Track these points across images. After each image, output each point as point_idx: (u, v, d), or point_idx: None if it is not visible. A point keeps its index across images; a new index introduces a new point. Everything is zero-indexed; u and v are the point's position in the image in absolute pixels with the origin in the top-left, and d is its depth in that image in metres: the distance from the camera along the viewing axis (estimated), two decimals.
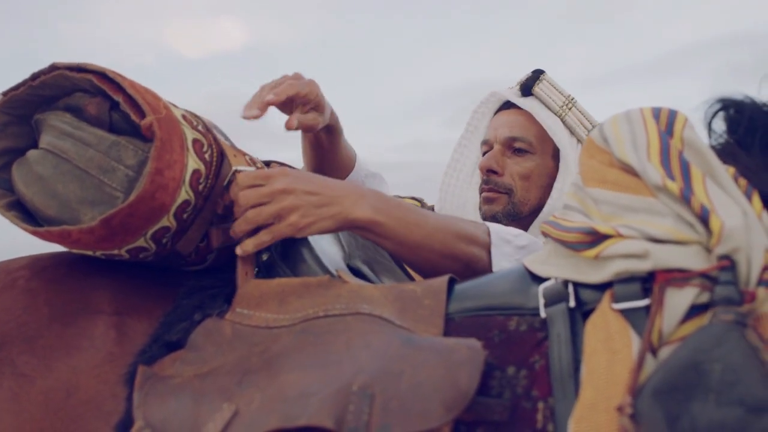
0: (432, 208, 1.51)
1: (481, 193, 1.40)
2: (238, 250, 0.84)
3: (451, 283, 0.79)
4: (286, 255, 0.84)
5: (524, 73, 1.42)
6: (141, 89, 0.81)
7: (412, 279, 1.03)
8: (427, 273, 0.90)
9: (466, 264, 0.93)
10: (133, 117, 0.79)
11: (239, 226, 0.84)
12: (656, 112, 0.75)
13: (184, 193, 0.81)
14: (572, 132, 1.39)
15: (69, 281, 0.84)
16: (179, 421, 0.67)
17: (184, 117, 0.84)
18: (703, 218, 0.65)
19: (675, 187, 0.67)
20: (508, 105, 1.44)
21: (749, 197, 0.67)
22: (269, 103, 0.93)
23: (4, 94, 0.83)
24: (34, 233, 0.78)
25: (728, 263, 0.63)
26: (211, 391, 0.69)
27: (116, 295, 0.83)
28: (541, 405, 0.64)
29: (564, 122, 1.38)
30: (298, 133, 1.23)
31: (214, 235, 0.88)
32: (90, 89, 0.82)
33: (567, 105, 1.39)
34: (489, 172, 1.37)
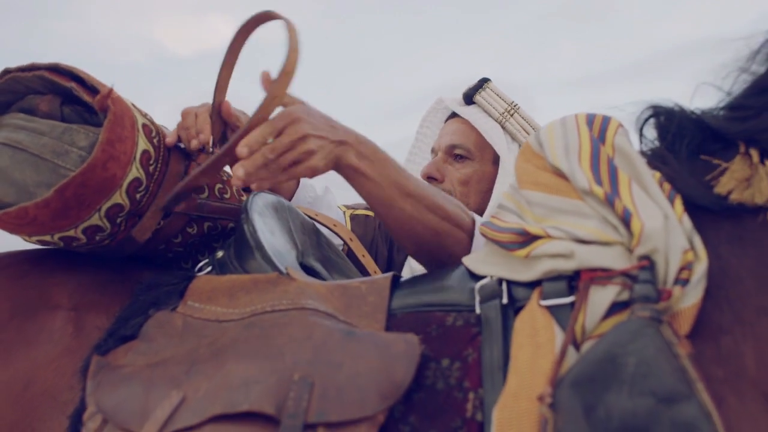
0: None
1: None
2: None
3: (396, 280, 0.82)
4: (239, 254, 0.87)
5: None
6: (94, 79, 0.85)
7: (366, 275, 1.06)
8: (399, 221, 0.90)
9: (435, 232, 0.91)
10: (87, 98, 0.83)
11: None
12: (590, 119, 0.79)
13: (135, 170, 0.84)
14: (513, 138, 1.44)
15: (30, 277, 0.87)
16: (130, 407, 0.70)
17: (133, 105, 0.89)
18: (626, 220, 0.69)
19: (600, 191, 0.71)
20: (455, 113, 1.49)
21: (672, 201, 0.71)
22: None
23: None
24: None
25: (647, 263, 0.67)
26: (161, 380, 0.72)
27: (75, 291, 0.86)
28: (471, 395, 0.68)
29: (504, 128, 1.43)
30: None
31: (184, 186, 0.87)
32: (41, 89, 0.85)
33: (509, 111, 1.44)
34: (429, 179, 1.42)
